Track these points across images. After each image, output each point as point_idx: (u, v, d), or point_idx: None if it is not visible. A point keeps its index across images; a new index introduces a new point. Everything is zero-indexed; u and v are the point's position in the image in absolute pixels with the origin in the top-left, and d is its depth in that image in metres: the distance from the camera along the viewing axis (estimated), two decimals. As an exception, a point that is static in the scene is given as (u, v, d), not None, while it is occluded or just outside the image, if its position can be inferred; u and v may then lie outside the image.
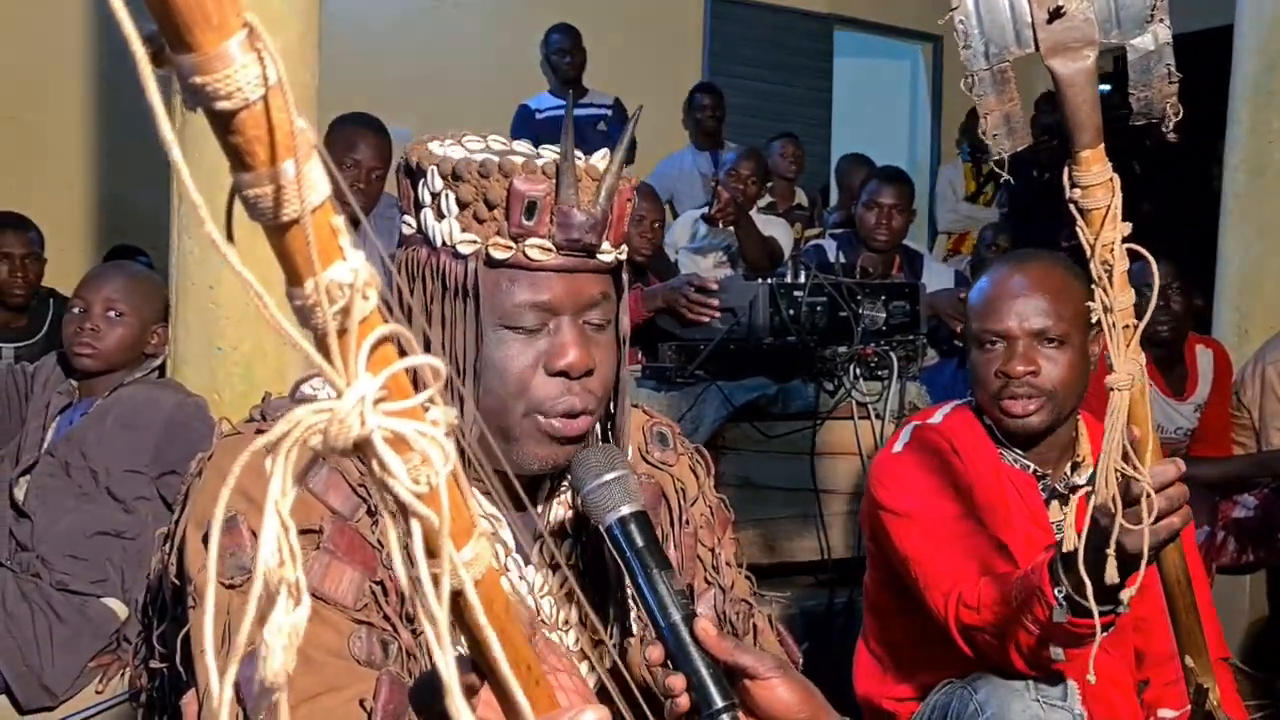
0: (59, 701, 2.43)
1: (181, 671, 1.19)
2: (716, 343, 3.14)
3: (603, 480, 1.11)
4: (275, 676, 0.47)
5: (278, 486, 0.49)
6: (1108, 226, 1.27)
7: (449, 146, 1.16)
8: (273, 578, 0.48)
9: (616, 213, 1.15)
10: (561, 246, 1.11)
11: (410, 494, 0.49)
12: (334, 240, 0.50)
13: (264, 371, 2.65)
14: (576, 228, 1.11)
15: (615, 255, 1.17)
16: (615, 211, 1.14)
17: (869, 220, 4.15)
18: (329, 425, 0.49)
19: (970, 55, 1.28)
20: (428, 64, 6.10)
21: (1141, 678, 2.00)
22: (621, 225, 1.16)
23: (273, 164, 0.48)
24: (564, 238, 1.11)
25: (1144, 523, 1.31)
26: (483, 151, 1.15)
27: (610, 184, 1.13)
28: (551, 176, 1.10)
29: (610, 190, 1.13)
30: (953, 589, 1.77)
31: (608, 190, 1.13)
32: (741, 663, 1.04)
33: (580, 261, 1.13)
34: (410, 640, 1.13)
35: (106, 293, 2.58)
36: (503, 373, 1.13)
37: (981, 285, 1.97)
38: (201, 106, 0.47)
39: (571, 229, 1.11)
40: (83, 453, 2.49)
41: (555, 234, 1.11)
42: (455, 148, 1.16)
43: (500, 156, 1.12)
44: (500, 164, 1.10)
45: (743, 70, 6.85)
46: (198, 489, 1.19)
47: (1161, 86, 1.27)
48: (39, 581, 2.45)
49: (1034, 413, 1.88)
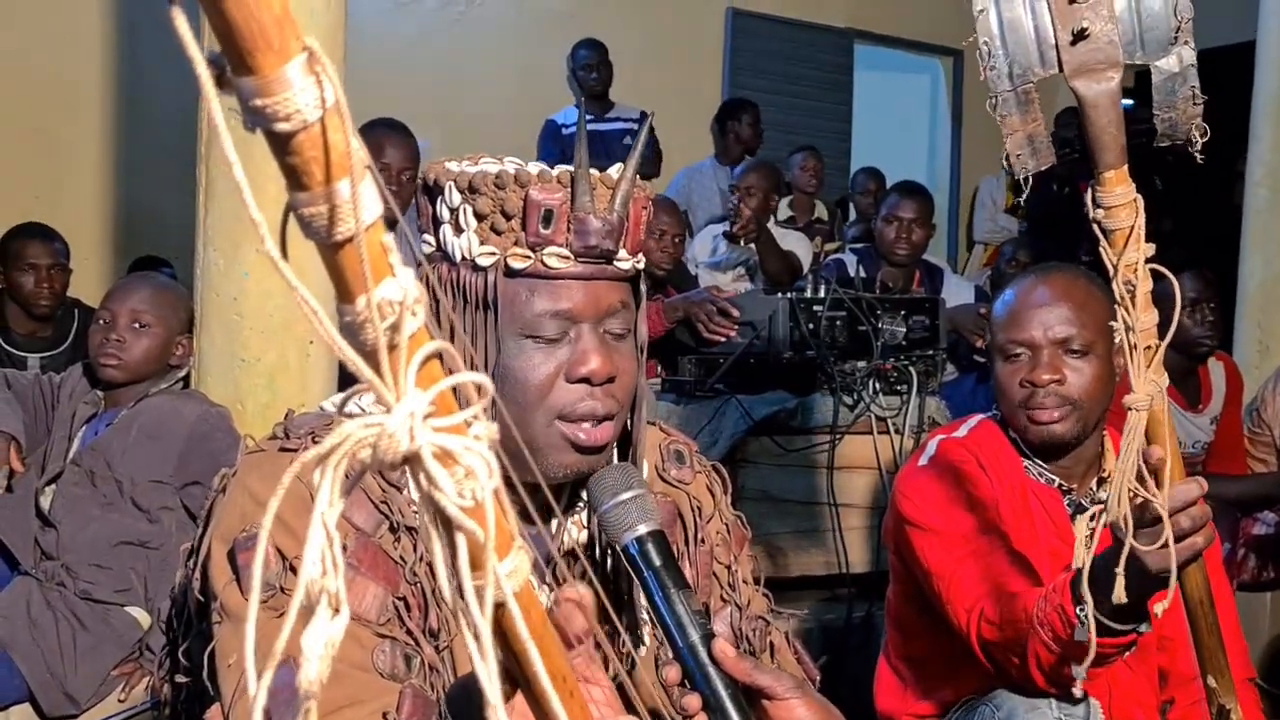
0: (82, 709, 2.45)
1: (207, 686, 1.20)
2: (736, 356, 3.15)
3: (620, 499, 1.11)
4: (310, 685, 0.48)
5: (324, 498, 0.50)
6: (1131, 247, 1.27)
7: (466, 164, 1.17)
8: (314, 588, 0.49)
9: (633, 219, 1.15)
10: (579, 254, 1.12)
11: (457, 508, 0.50)
12: (385, 258, 0.51)
13: (287, 383, 2.67)
14: (593, 234, 1.12)
15: (633, 263, 1.17)
16: (631, 218, 1.15)
17: (889, 234, 4.15)
18: (379, 439, 0.50)
19: (994, 76, 1.29)
20: (450, 78, 6.13)
21: (1166, 697, 1.99)
22: (638, 232, 1.17)
23: (328, 184, 0.49)
24: (581, 245, 1.12)
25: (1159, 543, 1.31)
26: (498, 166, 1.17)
27: (625, 190, 1.14)
28: (567, 185, 1.11)
29: (625, 197, 1.14)
30: (975, 604, 1.77)
31: (623, 197, 1.13)
32: (760, 683, 1.04)
33: (598, 269, 1.14)
34: (433, 654, 1.14)
35: (132, 304, 2.60)
36: (524, 382, 1.13)
37: (1006, 297, 1.97)
38: (260, 128, 0.48)
39: (588, 235, 1.11)
40: (108, 462, 2.51)
41: (573, 241, 1.11)
42: (471, 165, 1.17)
43: (516, 168, 1.13)
44: (516, 174, 1.11)
45: (763, 84, 6.86)
46: (222, 504, 1.20)
47: (1186, 108, 1.27)
48: (63, 590, 2.47)
49: (1059, 420, 1.88)
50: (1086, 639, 1.50)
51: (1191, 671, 1.91)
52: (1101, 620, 1.44)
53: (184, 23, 0.45)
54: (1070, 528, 1.94)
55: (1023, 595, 1.69)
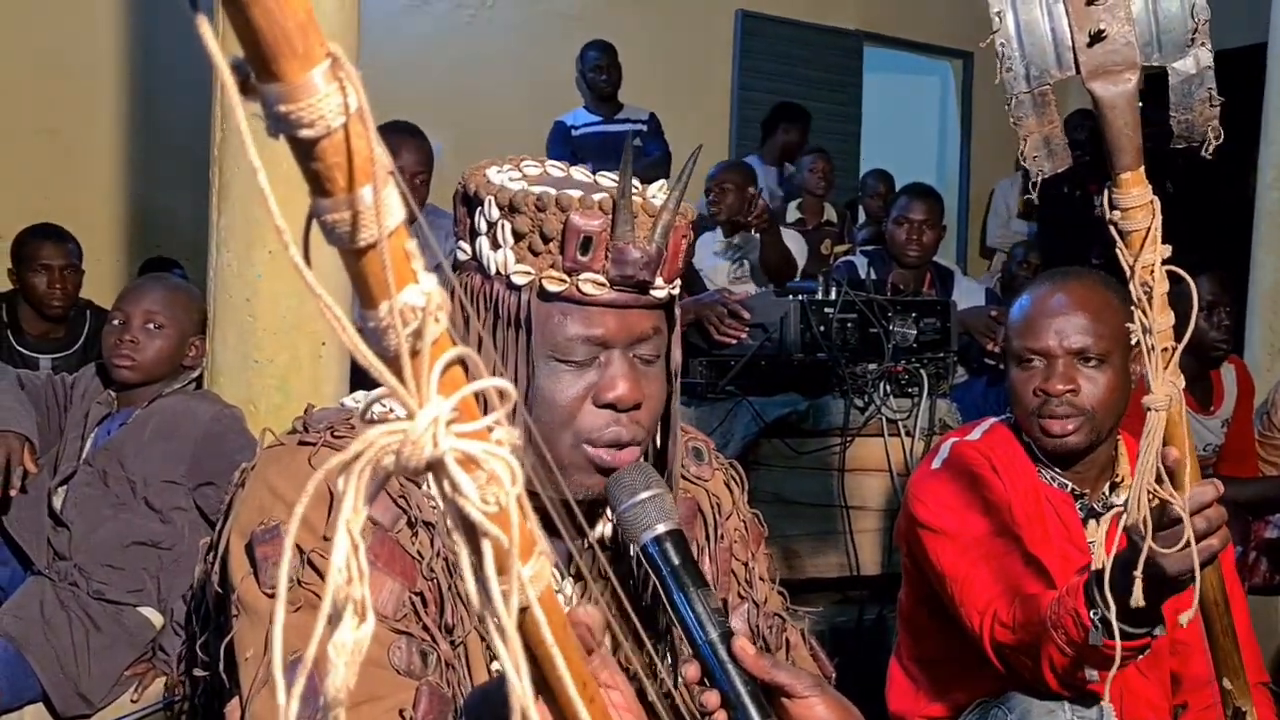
0: (95, 709, 2.45)
1: (225, 680, 1.20)
2: (747, 358, 3.15)
3: (638, 499, 1.11)
4: (337, 693, 0.48)
5: (349, 505, 0.50)
6: (1147, 249, 1.26)
7: (507, 174, 1.16)
8: (340, 595, 0.49)
9: (672, 249, 1.14)
10: (615, 282, 1.11)
11: (481, 514, 0.50)
12: (407, 263, 0.51)
13: (299, 384, 2.67)
14: (631, 264, 1.11)
15: (668, 291, 1.16)
16: (670, 248, 1.14)
17: (899, 236, 4.14)
18: (402, 446, 0.50)
19: (1011, 78, 1.29)
20: (461, 81, 6.14)
21: (1179, 701, 1.98)
22: (676, 262, 1.16)
23: (351, 190, 0.49)
24: (618, 274, 1.11)
25: (1179, 546, 1.30)
26: (540, 181, 1.15)
27: (667, 221, 1.13)
28: (608, 212, 1.10)
29: (666, 227, 1.13)
30: (988, 607, 1.76)
31: (664, 227, 1.12)
32: (779, 681, 1.04)
33: (633, 297, 1.13)
34: (449, 651, 1.14)
35: (146, 305, 2.61)
36: (552, 403, 1.13)
37: (1022, 303, 1.96)
38: (284, 134, 0.48)
39: (626, 265, 1.11)
40: (120, 463, 2.52)
41: (610, 270, 1.11)
42: (513, 173, 1.16)
43: (558, 189, 1.11)
44: (558, 198, 1.10)
45: (772, 86, 6.86)
46: (241, 499, 1.20)
47: (1203, 110, 1.27)
48: (76, 590, 2.47)
49: (1073, 433, 1.88)
50: (1100, 642, 1.50)
51: (1204, 675, 1.90)
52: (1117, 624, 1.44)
53: (209, 30, 0.45)
54: (1083, 532, 1.94)
55: (1036, 598, 1.68)
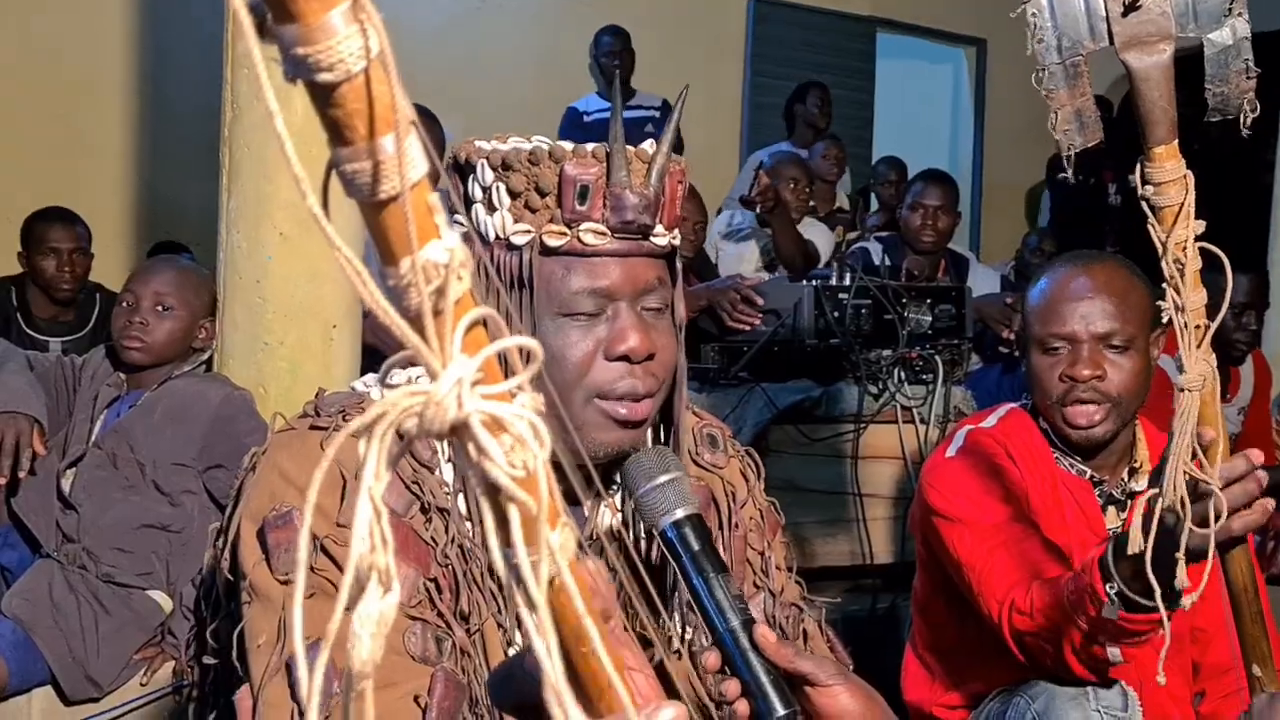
0: (104, 693, 2.44)
1: (236, 666, 1.18)
2: (760, 344, 3.12)
3: (657, 483, 1.09)
4: (363, 665, 0.46)
5: (371, 470, 0.48)
6: (1180, 224, 1.24)
7: (496, 143, 1.15)
8: (364, 564, 0.47)
9: (669, 194, 1.13)
10: (616, 229, 1.10)
11: (509, 478, 0.48)
12: (430, 218, 0.49)
13: (310, 366, 2.65)
14: (630, 209, 1.10)
15: (669, 239, 1.15)
16: (667, 193, 1.13)
17: (914, 222, 4.11)
18: (425, 408, 0.47)
19: (1043, 49, 1.26)
20: (472, 66, 6.11)
21: (1198, 689, 1.96)
22: (674, 207, 1.15)
23: (372, 139, 0.47)
24: (618, 220, 1.10)
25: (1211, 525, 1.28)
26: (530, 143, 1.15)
27: (661, 164, 1.12)
28: (602, 160, 1.09)
29: (661, 171, 1.12)
30: (1006, 595, 1.74)
31: (659, 171, 1.11)
32: (802, 669, 1.02)
33: (635, 245, 1.12)
34: (464, 638, 1.12)
35: (155, 286, 2.59)
36: (562, 361, 1.11)
37: (1042, 287, 1.92)
38: (302, 78, 0.46)
39: (625, 210, 1.10)
40: (130, 445, 2.51)
41: (609, 217, 1.10)
42: (502, 144, 1.15)
43: (550, 145, 1.11)
44: (551, 150, 1.09)
45: (784, 72, 6.81)
46: (251, 484, 1.18)
47: (1239, 82, 1.24)
48: (85, 573, 2.46)
49: (1099, 423, 1.84)
50: (1115, 615, 1.47)
51: (1224, 663, 1.88)
52: (1134, 598, 1.41)
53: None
54: (1102, 519, 1.91)
55: (1052, 583, 1.66)
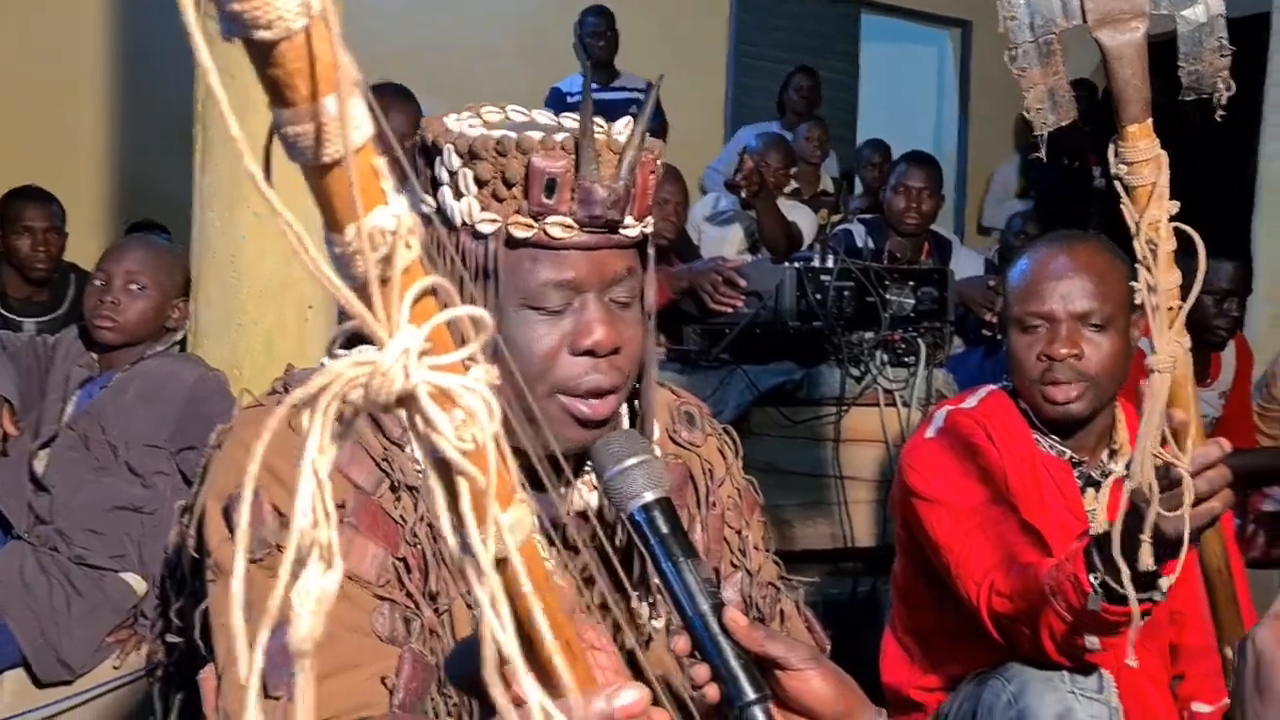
0: (76, 675, 2.42)
1: (200, 646, 1.17)
2: (742, 326, 3.11)
3: (625, 466, 1.07)
4: (302, 643, 0.45)
5: (314, 443, 0.46)
6: (1154, 204, 1.23)
7: (466, 121, 1.12)
8: (305, 539, 0.46)
9: (640, 186, 1.11)
10: (583, 223, 1.08)
11: (457, 451, 0.46)
12: (376, 183, 0.47)
13: (285, 346, 2.63)
14: (598, 204, 1.07)
15: (640, 229, 1.13)
16: (639, 185, 1.10)
17: (898, 204, 4.10)
18: (371, 378, 0.46)
19: (1015, 27, 1.25)
20: (453, 45, 6.06)
21: (1176, 672, 1.96)
22: (646, 198, 1.12)
23: (314, 100, 0.45)
24: (586, 214, 1.07)
25: (1183, 508, 1.28)
26: (501, 125, 1.12)
27: (632, 157, 1.09)
28: (571, 152, 1.06)
29: (632, 163, 1.09)
30: (985, 577, 1.73)
31: (629, 163, 1.09)
32: (773, 653, 1.00)
33: (603, 238, 1.09)
34: (433, 618, 1.11)
35: (128, 265, 2.57)
36: (527, 354, 1.09)
37: (1022, 266, 1.91)
38: (239, 36, 0.44)
39: (593, 205, 1.07)
40: (102, 426, 2.48)
41: (576, 211, 1.07)
42: (473, 120, 1.12)
43: (519, 132, 1.08)
44: (518, 141, 1.06)
45: (769, 54, 6.78)
46: (217, 461, 1.17)
47: (1213, 60, 1.23)
48: (57, 555, 2.44)
49: (1076, 399, 1.84)
50: (1099, 607, 1.47)
51: (1202, 646, 1.89)
52: (1118, 589, 1.41)
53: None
54: (1081, 500, 1.91)
55: (1034, 566, 1.65)
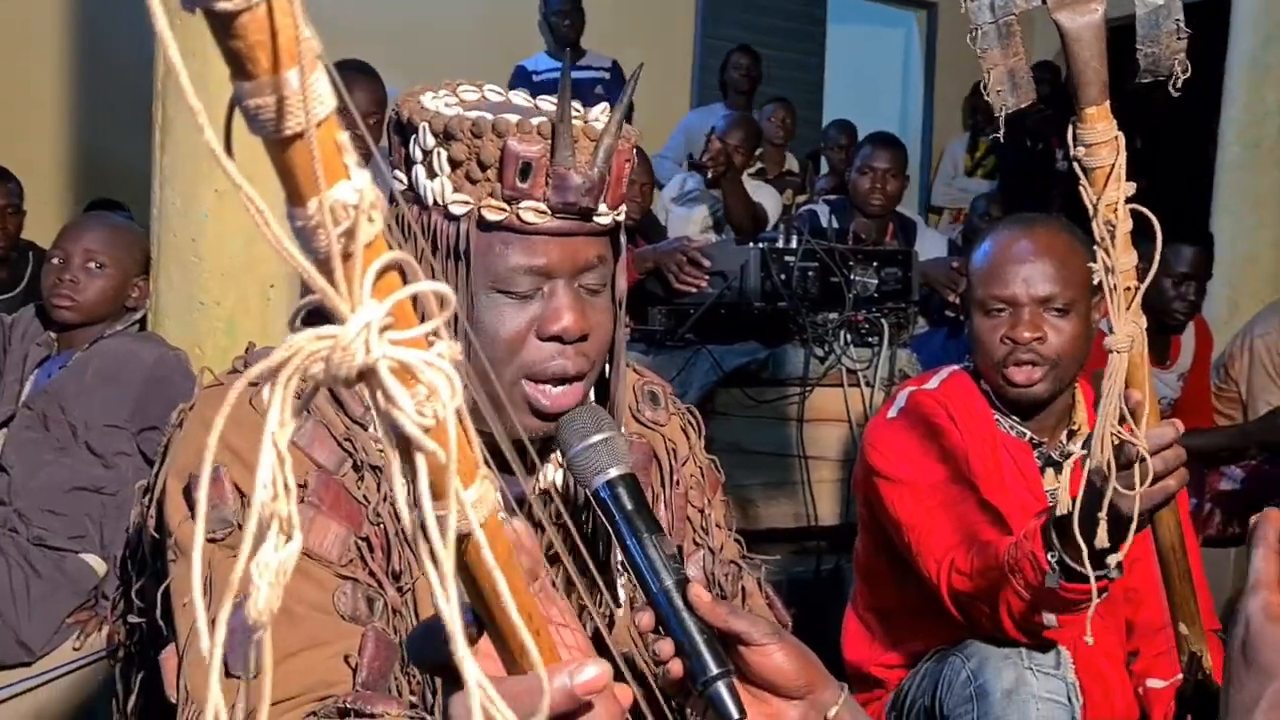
0: (35, 657, 2.40)
1: (161, 626, 1.16)
2: (707, 307, 3.12)
3: (589, 442, 1.07)
4: (260, 615, 0.44)
5: (274, 417, 0.46)
6: (1111, 186, 1.24)
7: (442, 99, 1.11)
8: (265, 512, 0.45)
9: (615, 174, 1.10)
10: (557, 209, 1.07)
11: (416, 427, 0.46)
12: (339, 157, 0.47)
13: (247, 325, 2.60)
14: (573, 190, 1.07)
15: (613, 217, 1.13)
16: (614, 172, 1.10)
17: (863, 185, 4.11)
18: (332, 353, 0.46)
19: (975, 8, 1.25)
20: (415, 23, 6.00)
21: (1131, 648, 1.99)
22: (620, 186, 1.12)
23: (275, 72, 0.44)
24: (559, 200, 1.07)
25: (1138, 487, 1.29)
26: (477, 106, 1.11)
27: (609, 144, 1.09)
28: (547, 137, 1.06)
29: (609, 151, 1.09)
30: (945, 555, 1.75)
31: (606, 151, 1.08)
32: (736, 628, 1.00)
33: (576, 224, 1.09)
34: (396, 597, 1.11)
35: (86, 243, 2.53)
36: (494, 336, 1.09)
37: (985, 249, 1.93)
38: (201, 6, 0.43)
39: (567, 192, 1.07)
40: (61, 406, 2.45)
41: (550, 196, 1.07)
42: (449, 99, 1.11)
43: (495, 114, 1.07)
44: (494, 123, 1.05)
45: (735, 34, 6.76)
46: (178, 440, 1.16)
47: (1170, 42, 1.24)
48: (16, 536, 2.41)
49: (1038, 381, 1.86)
50: (1057, 585, 1.49)
51: (1157, 622, 1.91)
52: (1076, 567, 1.43)
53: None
54: (1040, 480, 1.93)
55: (994, 545, 1.67)
